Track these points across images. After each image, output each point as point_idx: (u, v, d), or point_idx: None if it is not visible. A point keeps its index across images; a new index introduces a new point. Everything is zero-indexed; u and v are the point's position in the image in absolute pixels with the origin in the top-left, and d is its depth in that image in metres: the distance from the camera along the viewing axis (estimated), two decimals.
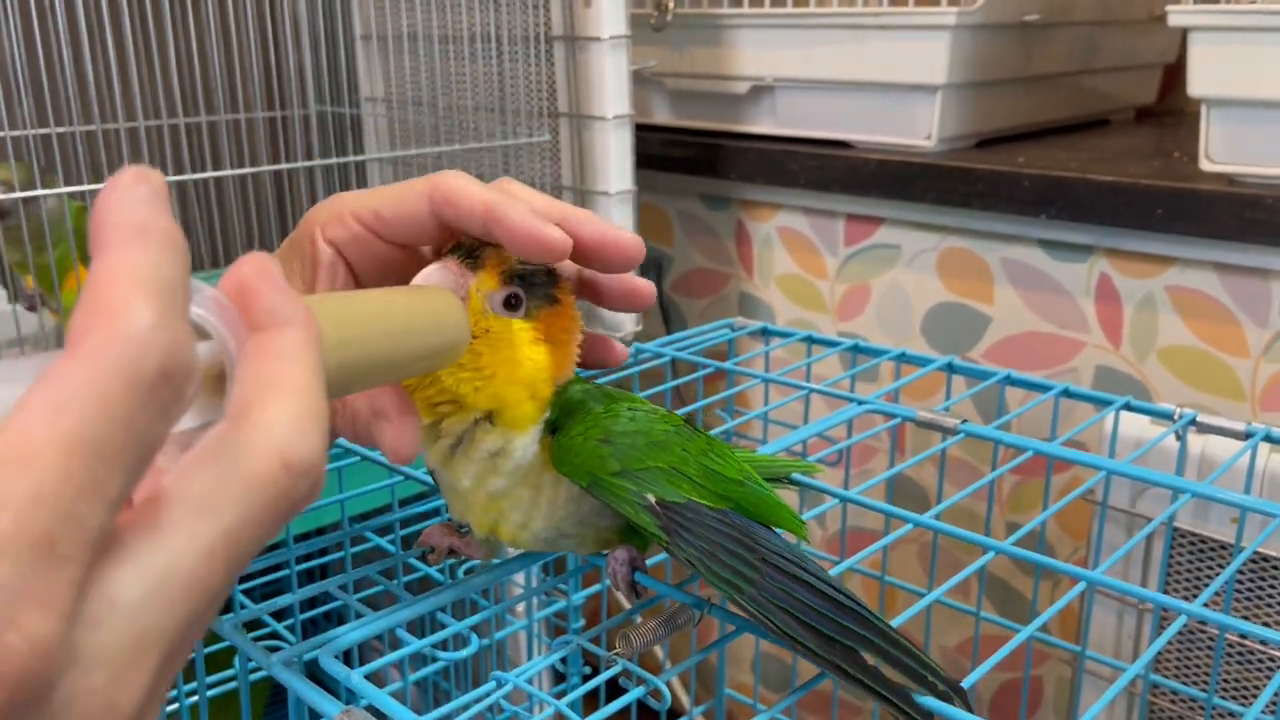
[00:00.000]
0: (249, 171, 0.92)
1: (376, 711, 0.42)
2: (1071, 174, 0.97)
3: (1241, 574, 0.77)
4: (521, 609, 0.91)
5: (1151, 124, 1.37)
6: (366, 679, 0.44)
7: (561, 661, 0.84)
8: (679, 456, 0.46)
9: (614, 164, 1.04)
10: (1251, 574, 0.77)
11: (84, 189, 0.83)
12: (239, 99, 1.10)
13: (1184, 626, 0.79)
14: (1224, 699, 0.74)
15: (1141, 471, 0.61)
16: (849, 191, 1.13)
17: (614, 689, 0.47)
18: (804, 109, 1.18)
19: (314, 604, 0.97)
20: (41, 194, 0.82)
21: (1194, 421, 0.68)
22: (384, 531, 0.71)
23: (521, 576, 0.85)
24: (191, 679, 0.66)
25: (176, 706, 0.66)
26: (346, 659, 0.46)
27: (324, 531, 0.93)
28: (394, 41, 1.12)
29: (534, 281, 0.45)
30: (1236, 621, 0.47)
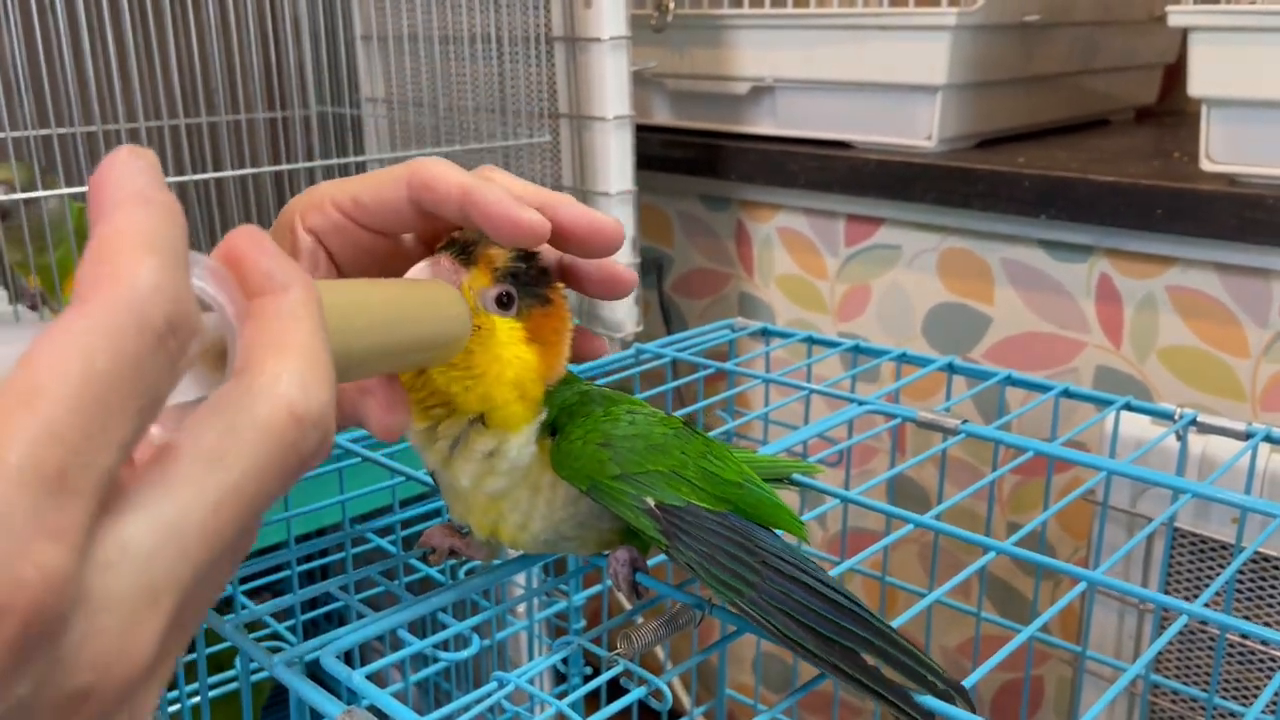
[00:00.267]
0: (249, 172, 0.92)
1: (378, 712, 0.42)
2: (1072, 174, 0.97)
3: (1242, 574, 0.77)
4: (522, 610, 0.91)
5: (1152, 124, 1.37)
6: (368, 679, 0.44)
7: (563, 662, 0.84)
8: (678, 459, 0.46)
9: (614, 164, 1.04)
10: (1252, 574, 0.77)
11: (85, 190, 0.83)
12: (239, 100, 1.10)
13: (1185, 627, 0.79)
14: (1225, 699, 0.74)
15: (1142, 472, 0.61)
16: (849, 192, 1.13)
17: (615, 689, 0.47)
18: (804, 109, 1.18)
19: (315, 605, 0.97)
20: (42, 195, 0.82)
21: (1194, 422, 0.68)
22: (385, 532, 0.71)
23: (523, 577, 0.85)
24: (193, 679, 0.66)
25: (178, 707, 0.66)
26: (348, 659, 0.47)
27: (325, 532, 0.94)
28: (394, 42, 1.12)
29: (526, 280, 0.45)
30: (1237, 621, 0.47)
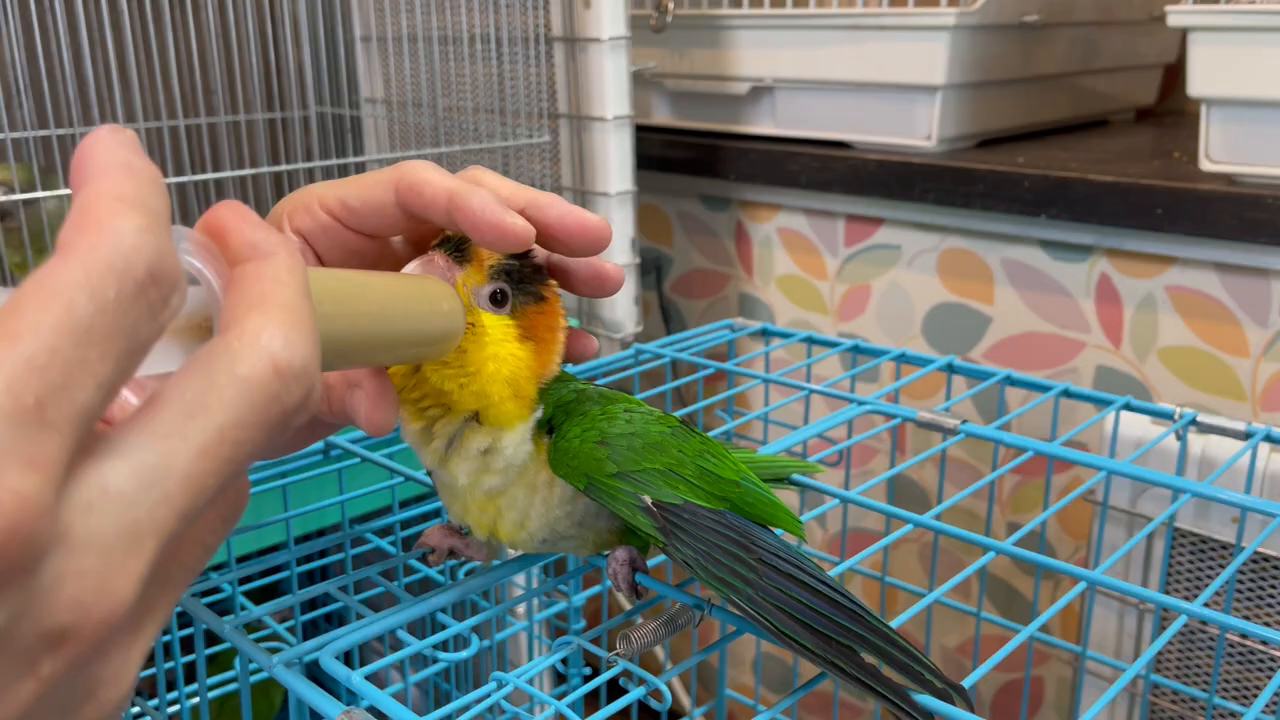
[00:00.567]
0: (249, 173, 0.92)
1: (377, 712, 0.42)
2: (1072, 174, 0.97)
3: (1242, 574, 0.77)
4: (522, 610, 0.91)
5: (1151, 124, 1.37)
6: (367, 680, 0.44)
7: (562, 662, 0.84)
8: (675, 458, 0.46)
9: (614, 165, 1.04)
10: (1252, 574, 0.77)
11: None
12: (239, 100, 1.10)
13: (1184, 626, 0.79)
14: (1224, 699, 0.74)
15: (1142, 471, 0.61)
16: (849, 192, 1.13)
17: (615, 690, 0.47)
18: (804, 110, 1.18)
19: (315, 605, 0.97)
20: (42, 196, 0.82)
21: (1194, 421, 0.68)
22: (384, 533, 0.71)
23: (522, 578, 0.85)
24: (192, 680, 0.66)
25: (178, 708, 0.66)
26: (347, 660, 0.47)
27: (325, 533, 0.93)
28: (394, 43, 1.12)
29: (521, 278, 0.45)
30: (1237, 621, 0.47)
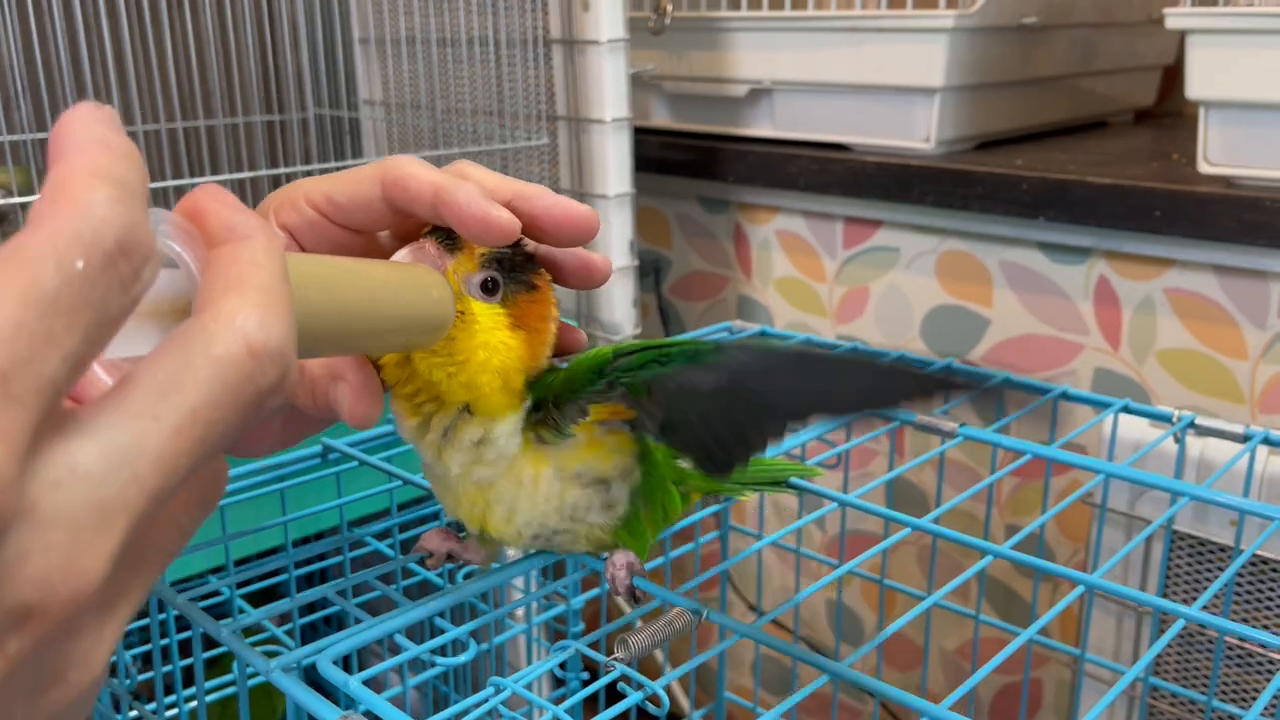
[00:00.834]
0: (247, 175, 0.91)
1: (375, 717, 0.42)
2: (1070, 176, 0.97)
3: (1240, 577, 0.77)
4: (520, 613, 0.90)
5: (1150, 126, 1.37)
6: (365, 684, 0.44)
7: (560, 666, 0.84)
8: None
9: (612, 167, 1.04)
10: (1250, 577, 0.77)
11: None
12: (237, 102, 1.10)
13: (1183, 629, 0.79)
14: (1223, 702, 0.74)
15: (1140, 474, 0.61)
16: (847, 194, 1.13)
17: (613, 694, 0.47)
18: (802, 112, 1.18)
19: (312, 609, 0.97)
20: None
21: (1193, 424, 0.68)
22: (382, 536, 0.71)
23: (521, 581, 0.85)
24: (191, 685, 0.66)
25: (175, 712, 0.66)
26: (345, 664, 0.46)
27: (323, 537, 0.93)
28: (392, 45, 1.12)
29: (512, 267, 0.45)
30: (1236, 625, 0.47)
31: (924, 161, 1.07)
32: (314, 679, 0.45)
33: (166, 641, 0.62)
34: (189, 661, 0.61)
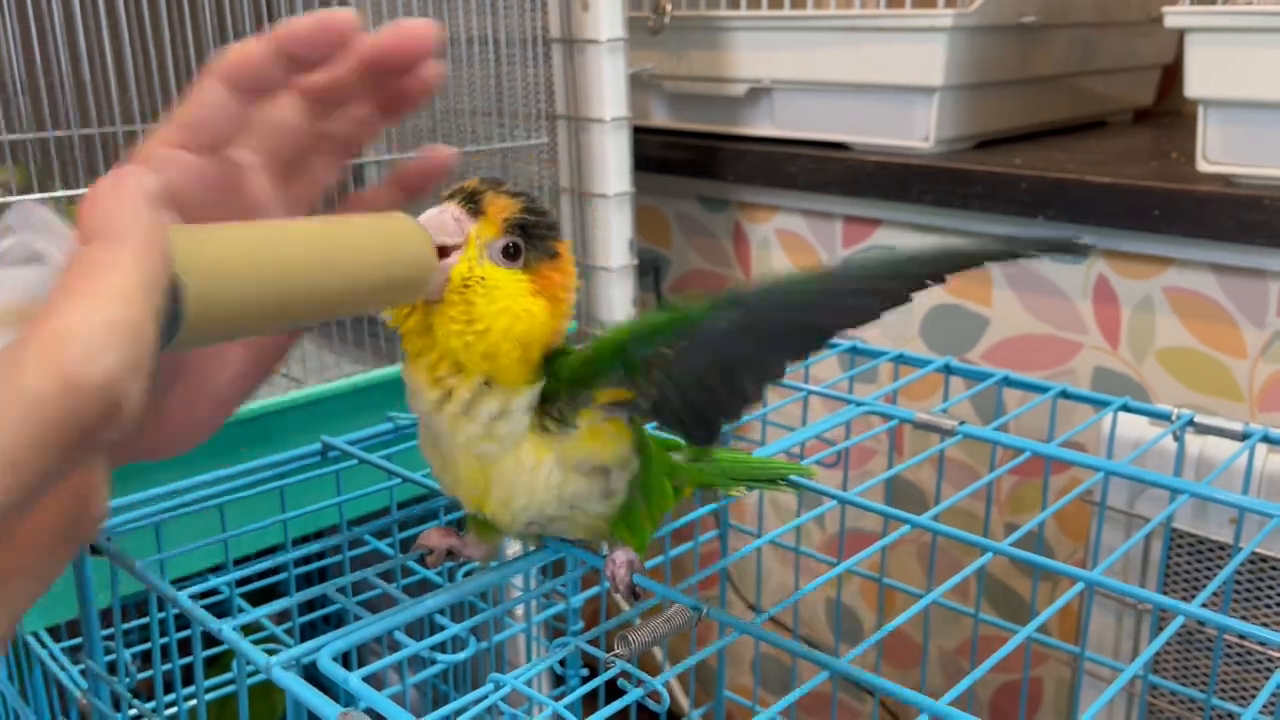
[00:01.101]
0: None
1: (375, 714, 0.42)
2: (1069, 175, 0.97)
3: (1240, 574, 0.77)
4: (520, 611, 0.91)
5: (1149, 125, 1.37)
6: (365, 681, 0.44)
7: (560, 663, 0.84)
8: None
9: (612, 166, 1.04)
10: (1250, 574, 0.77)
11: (81, 192, 0.83)
12: None
13: (1182, 627, 0.79)
14: (1222, 699, 0.74)
15: (1139, 472, 0.61)
16: (847, 193, 1.13)
17: (613, 691, 0.47)
18: (802, 111, 1.18)
19: (312, 607, 0.97)
20: (38, 198, 0.82)
21: (1192, 422, 0.68)
22: (382, 534, 0.71)
23: (520, 579, 0.85)
24: (190, 683, 0.66)
25: (175, 710, 0.66)
26: (345, 662, 0.46)
27: (322, 535, 0.93)
28: None
29: (535, 233, 0.45)
30: (1235, 622, 0.47)
31: (923, 161, 1.07)
32: (314, 676, 0.45)
33: (166, 640, 0.62)
34: (188, 659, 0.61)
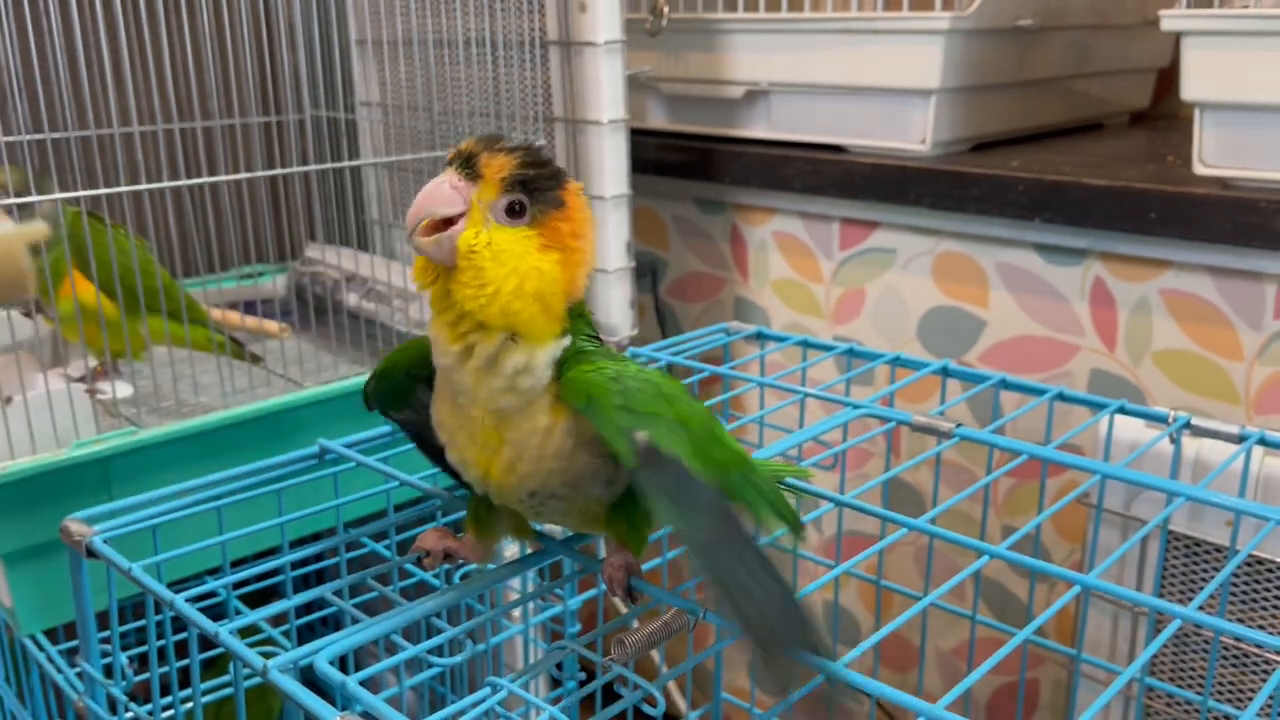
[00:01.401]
0: (244, 177, 0.92)
1: (372, 717, 0.42)
2: (1066, 178, 0.97)
3: (1236, 577, 0.77)
4: (517, 614, 0.91)
5: (1145, 128, 1.37)
6: (362, 684, 0.44)
7: (557, 667, 0.84)
8: (686, 411, 0.46)
9: (609, 168, 1.04)
10: (1246, 577, 0.77)
11: (79, 194, 0.83)
12: (234, 104, 1.10)
13: (1179, 630, 0.79)
14: (1219, 702, 0.74)
15: (1136, 475, 0.61)
16: (844, 195, 1.13)
17: (610, 694, 0.47)
18: (799, 113, 1.18)
19: (309, 610, 0.97)
20: (36, 200, 0.81)
21: (1188, 425, 0.68)
22: (379, 537, 0.71)
23: (517, 582, 0.85)
24: (187, 686, 0.66)
25: (172, 713, 0.66)
26: (342, 664, 0.46)
27: (319, 537, 0.93)
28: (389, 46, 1.12)
29: (537, 186, 0.45)
30: (1231, 625, 0.47)
31: (920, 163, 1.08)
32: (311, 679, 0.45)
33: (163, 643, 0.62)
34: (185, 662, 0.61)
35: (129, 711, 0.62)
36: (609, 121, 1.03)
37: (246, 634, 0.80)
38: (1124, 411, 0.70)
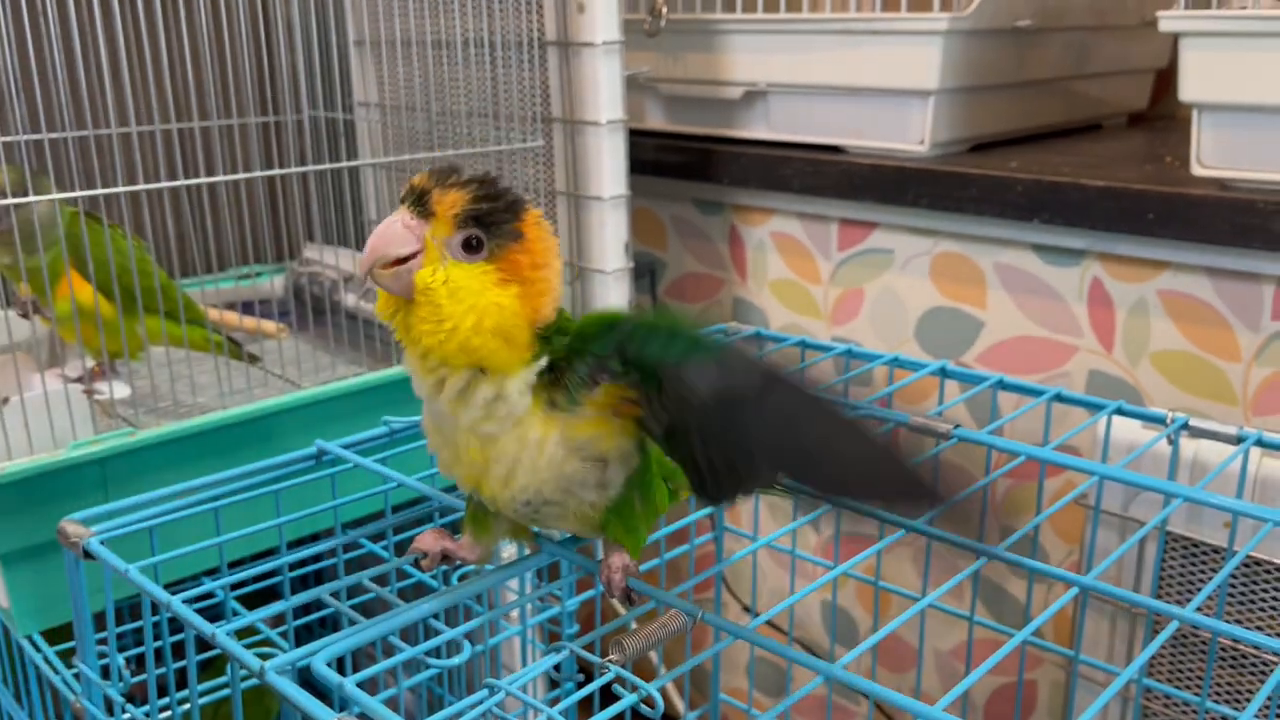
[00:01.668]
0: (242, 177, 0.91)
1: (369, 718, 0.42)
2: (1064, 179, 0.97)
3: (1234, 578, 0.77)
4: (515, 615, 0.90)
5: (1143, 129, 1.37)
6: (360, 686, 0.44)
7: (555, 668, 0.84)
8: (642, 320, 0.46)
9: (607, 169, 1.04)
10: (1244, 578, 0.77)
11: (77, 195, 0.83)
12: (232, 104, 1.10)
13: (1177, 631, 0.79)
14: (1217, 703, 0.74)
15: (1134, 476, 0.61)
16: (842, 196, 1.13)
17: (608, 696, 0.47)
18: (797, 114, 1.18)
19: (307, 611, 0.97)
20: (33, 200, 0.81)
21: (1186, 426, 0.68)
22: (377, 538, 0.71)
23: (515, 583, 0.85)
24: (184, 687, 0.66)
25: (168, 715, 0.66)
26: (340, 666, 0.46)
27: (317, 538, 0.93)
28: (387, 47, 1.12)
29: (492, 220, 0.44)
30: (1229, 626, 0.47)
31: (918, 164, 1.08)
32: (308, 680, 0.45)
33: (160, 644, 0.62)
34: (182, 664, 0.61)
35: (126, 713, 0.61)
36: (607, 122, 1.03)
37: (244, 635, 0.81)
38: (1122, 412, 0.70)
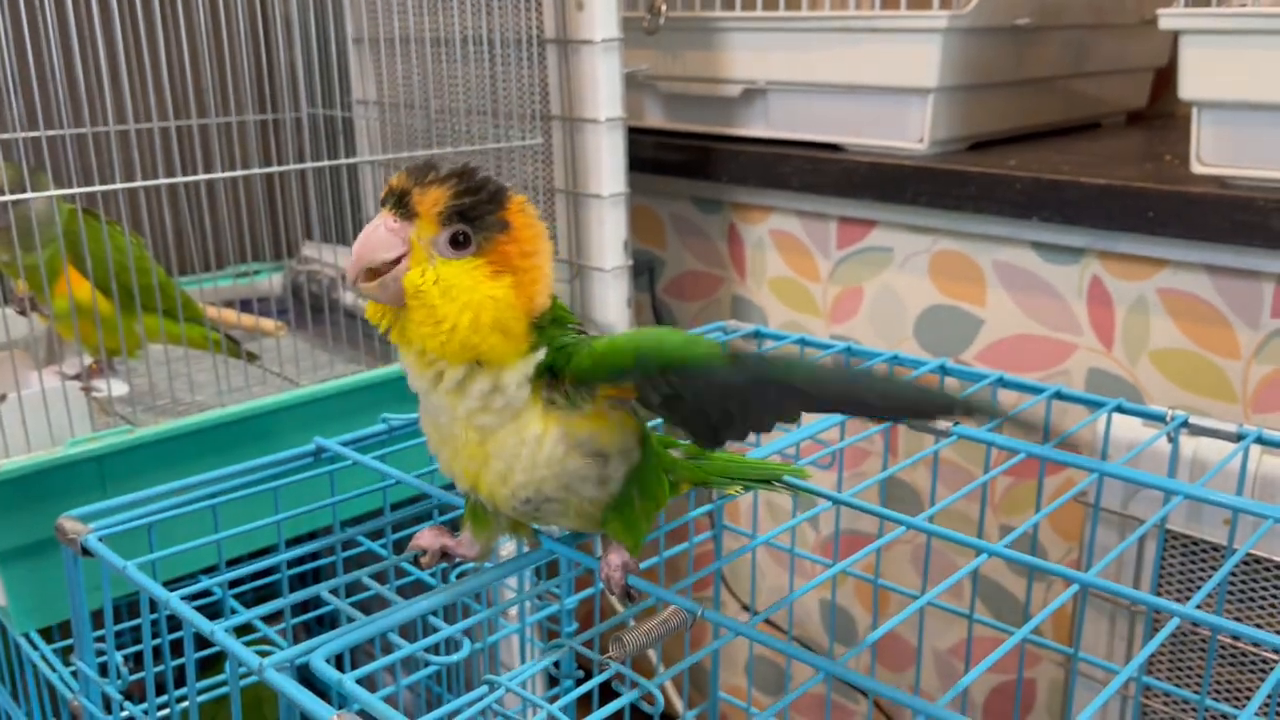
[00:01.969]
0: (241, 174, 0.91)
1: (368, 716, 0.42)
2: (1063, 177, 0.97)
3: (1234, 576, 0.77)
4: (514, 612, 0.90)
5: (1143, 127, 1.37)
6: (358, 683, 0.44)
7: (555, 665, 0.84)
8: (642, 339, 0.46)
9: (606, 167, 1.04)
10: (1244, 576, 0.77)
11: (74, 191, 0.82)
12: (230, 101, 1.10)
13: (1177, 628, 0.79)
14: (1217, 701, 0.74)
15: (1133, 473, 0.61)
16: (841, 194, 1.13)
17: (607, 693, 0.47)
18: (796, 112, 1.18)
19: (305, 609, 0.96)
20: (30, 196, 0.81)
21: (1186, 423, 0.68)
22: (376, 535, 0.71)
23: (514, 580, 0.85)
24: (182, 685, 0.66)
25: (166, 712, 0.65)
26: (338, 663, 0.46)
27: (316, 536, 0.93)
28: (386, 44, 1.12)
29: (477, 213, 0.44)
30: (1229, 623, 0.47)
31: (917, 162, 1.07)
32: (307, 678, 0.45)
33: (158, 641, 0.62)
34: (180, 661, 0.61)
35: (124, 710, 0.61)
36: (606, 120, 1.02)
37: (242, 632, 0.80)
38: (1121, 410, 0.70)
